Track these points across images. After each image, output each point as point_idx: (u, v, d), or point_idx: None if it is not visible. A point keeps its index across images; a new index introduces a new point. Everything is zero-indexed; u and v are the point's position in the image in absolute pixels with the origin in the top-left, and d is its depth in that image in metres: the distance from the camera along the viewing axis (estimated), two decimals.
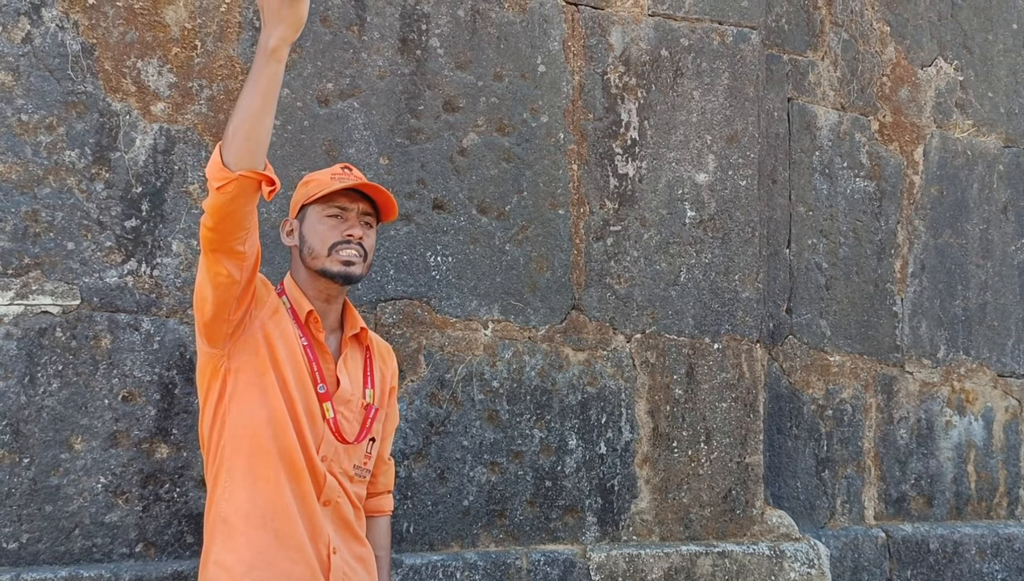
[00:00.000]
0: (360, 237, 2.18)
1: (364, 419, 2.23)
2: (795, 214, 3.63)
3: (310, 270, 2.20)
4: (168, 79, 2.65)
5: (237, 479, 2.07)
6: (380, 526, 2.40)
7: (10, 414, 2.42)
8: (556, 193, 3.08)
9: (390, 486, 2.44)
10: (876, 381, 3.71)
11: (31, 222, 2.48)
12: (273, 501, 2.06)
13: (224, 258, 2.00)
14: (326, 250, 2.16)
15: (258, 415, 2.08)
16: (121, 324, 2.55)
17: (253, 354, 2.11)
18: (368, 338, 2.33)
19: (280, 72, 1.93)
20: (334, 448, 2.16)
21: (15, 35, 2.51)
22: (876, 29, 3.85)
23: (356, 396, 2.23)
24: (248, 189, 1.93)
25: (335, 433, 2.15)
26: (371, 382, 2.28)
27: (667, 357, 3.16)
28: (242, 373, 2.10)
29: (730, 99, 3.30)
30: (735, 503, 3.17)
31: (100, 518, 2.49)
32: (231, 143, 1.91)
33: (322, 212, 2.19)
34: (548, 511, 2.97)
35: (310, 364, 2.16)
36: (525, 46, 3.08)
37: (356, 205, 2.21)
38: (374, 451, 2.29)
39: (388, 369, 2.37)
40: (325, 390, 2.16)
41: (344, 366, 2.23)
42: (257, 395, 2.09)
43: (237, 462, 2.07)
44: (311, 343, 2.18)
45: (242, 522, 2.05)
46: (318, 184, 2.21)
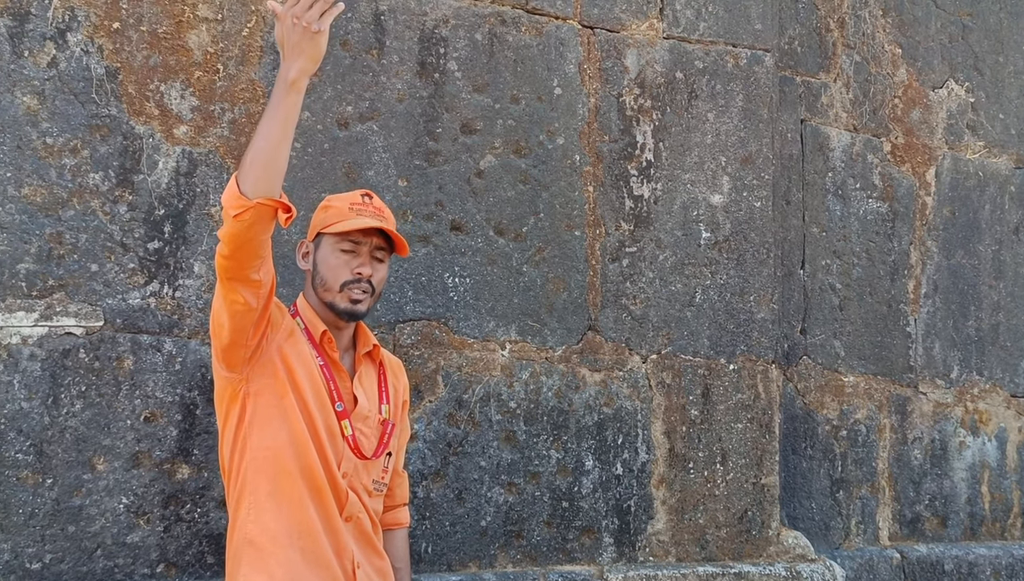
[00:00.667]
0: (370, 275, 2.22)
1: (382, 434, 2.27)
2: (809, 235, 3.65)
3: (319, 298, 2.24)
4: (191, 102, 2.68)
5: (261, 501, 2.10)
6: (398, 539, 2.43)
7: (34, 435, 2.44)
8: (572, 214, 3.10)
9: (406, 498, 2.48)
10: (890, 402, 3.72)
11: (55, 244, 2.51)
12: (298, 520, 2.09)
13: (240, 286, 2.04)
14: (337, 286, 2.20)
15: (279, 437, 2.11)
16: (143, 345, 2.57)
17: (271, 377, 2.14)
18: (380, 354, 2.37)
19: (299, 103, 2.00)
20: (354, 464, 2.19)
21: (41, 59, 2.54)
22: (888, 51, 3.88)
23: (373, 412, 2.26)
24: (265, 217, 1.97)
25: (354, 450, 2.19)
26: (386, 397, 2.31)
27: (683, 378, 3.17)
28: (261, 396, 2.13)
29: (744, 121, 3.33)
30: (751, 524, 3.18)
31: (122, 538, 2.50)
32: (249, 172, 1.95)
33: (336, 244, 2.22)
34: (565, 532, 2.98)
35: (327, 383, 2.19)
36: (541, 69, 3.11)
37: (369, 240, 2.24)
38: (391, 465, 2.32)
39: (400, 384, 2.41)
40: (343, 408, 2.19)
41: (360, 383, 2.26)
42: (277, 417, 2.12)
43: (260, 484, 2.10)
44: (327, 363, 2.22)
45: (270, 543, 2.08)
46: (336, 213, 2.24)
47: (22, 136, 2.50)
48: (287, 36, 1.97)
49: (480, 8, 3.04)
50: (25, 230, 2.48)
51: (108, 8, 2.60)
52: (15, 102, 2.50)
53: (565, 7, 3.14)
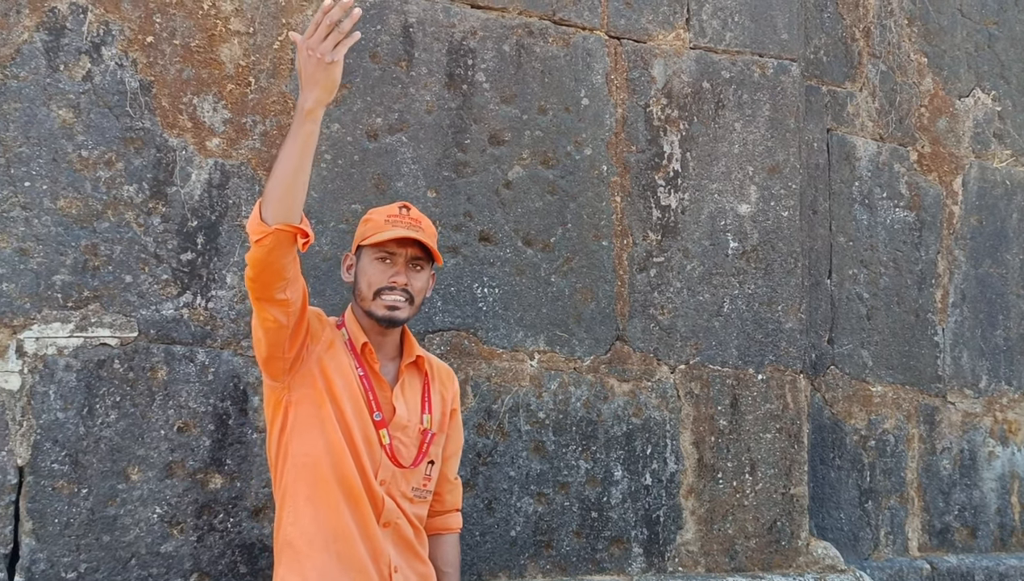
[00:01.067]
0: (404, 284, 2.26)
1: (421, 443, 2.31)
2: (836, 244, 3.64)
3: (360, 308, 2.31)
4: (223, 115, 2.70)
5: (300, 505, 2.17)
6: (447, 543, 2.46)
7: (69, 444, 2.46)
8: (600, 225, 3.11)
9: (457, 504, 2.50)
10: (918, 411, 3.70)
11: (90, 255, 2.53)
12: (334, 525, 2.16)
13: (268, 305, 2.11)
14: (371, 295, 2.26)
15: (317, 445, 2.18)
16: (177, 356, 2.59)
17: (311, 387, 2.21)
18: (426, 364, 2.40)
19: (316, 132, 2.06)
20: (391, 472, 2.24)
21: (76, 73, 2.56)
22: (914, 60, 3.88)
23: (413, 422, 2.30)
24: (284, 242, 2.03)
25: (391, 458, 2.23)
26: (428, 407, 2.35)
27: (711, 388, 3.17)
28: (301, 406, 2.20)
29: (771, 130, 3.33)
30: (780, 534, 3.17)
31: (156, 548, 2.51)
32: (269, 199, 2.01)
33: (373, 255, 2.28)
34: (594, 542, 2.98)
35: (366, 393, 2.24)
36: (569, 80, 3.12)
37: (405, 250, 2.28)
38: (433, 473, 2.35)
39: (448, 392, 2.44)
40: (381, 418, 2.24)
41: (401, 393, 2.31)
42: (316, 426, 2.19)
43: (300, 489, 2.18)
44: (367, 373, 2.27)
45: (306, 545, 2.15)
46: (373, 226, 2.30)
47: (58, 149, 2.53)
48: (303, 66, 2.03)
49: (508, 20, 3.05)
50: (61, 242, 2.51)
51: (142, 22, 2.63)
52: (51, 115, 2.53)
53: (592, 18, 3.16)
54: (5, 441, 2.40)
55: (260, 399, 2.64)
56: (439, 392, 2.41)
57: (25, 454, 2.42)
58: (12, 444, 2.41)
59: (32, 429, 2.43)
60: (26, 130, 2.50)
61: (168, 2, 2.66)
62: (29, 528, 2.41)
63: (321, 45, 1.99)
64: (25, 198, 2.48)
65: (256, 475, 2.62)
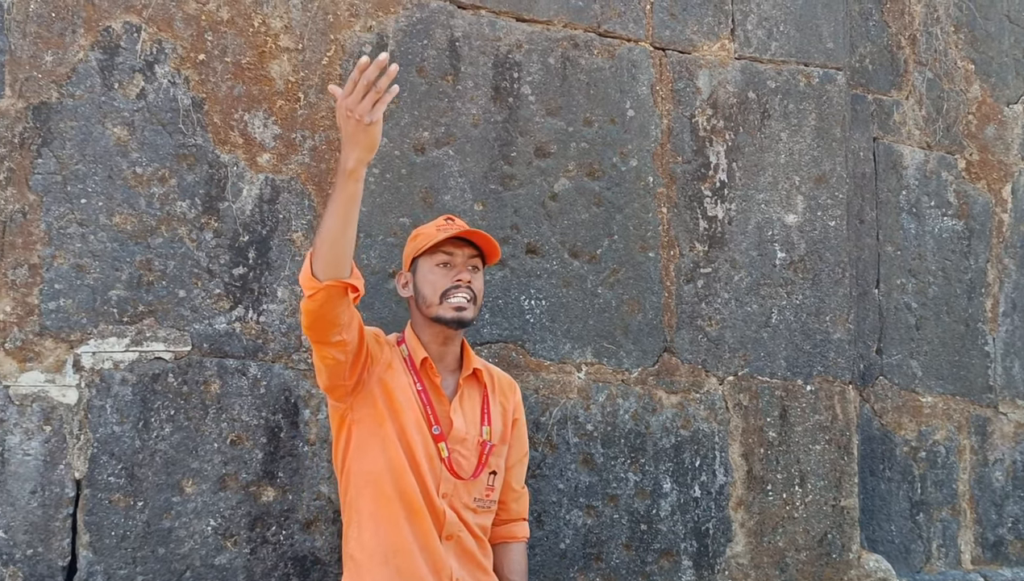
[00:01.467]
0: (468, 281, 2.32)
1: (480, 455, 2.35)
2: (883, 254, 3.61)
3: (425, 318, 2.35)
4: (273, 130, 2.73)
5: (362, 520, 2.24)
6: (514, 551, 2.50)
7: (125, 458, 2.49)
8: (646, 236, 3.11)
9: (523, 513, 2.53)
10: (969, 422, 3.65)
11: (145, 271, 2.56)
12: (393, 540, 2.21)
13: (325, 347, 2.18)
14: (438, 298, 2.31)
15: (378, 463, 2.24)
16: (229, 369, 2.61)
17: (371, 407, 2.27)
18: (485, 376, 2.45)
19: (359, 190, 2.05)
20: (452, 484, 2.28)
21: (130, 91, 2.60)
22: (960, 67, 3.84)
23: (472, 434, 2.35)
24: (335, 296, 2.08)
25: (451, 471, 2.28)
26: (487, 419, 2.39)
27: (760, 399, 3.15)
28: (363, 424, 2.27)
29: (817, 140, 3.31)
30: (831, 547, 3.14)
31: (210, 560, 2.53)
32: (318, 255, 2.05)
33: (431, 262, 2.34)
34: (644, 554, 2.97)
35: (424, 408, 2.29)
36: (614, 91, 3.12)
37: (462, 251, 2.35)
38: (496, 483, 2.39)
39: (510, 403, 2.49)
40: (439, 431, 2.29)
41: (460, 406, 2.35)
42: (377, 445, 2.25)
43: (362, 505, 2.24)
44: (425, 388, 2.32)
45: (367, 560, 2.21)
46: (425, 237, 2.36)
47: (113, 166, 2.56)
48: (342, 126, 2.00)
49: (553, 32, 3.06)
50: (116, 257, 2.54)
51: (194, 40, 2.67)
52: (106, 133, 2.56)
53: (637, 29, 3.16)
54: (63, 454, 2.44)
55: (311, 412, 2.66)
56: (500, 403, 2.45)
57: (83, 467, 2.45)
58: (70, 457, 2.44)
59: (89, 443, 2.46)
60: (82, 148, 2.54)
61: (219, 20, 2.70)
62: (86, 541, 2.44)
63: (359, 106, 1.94)
64: (81, 215, 2.52)
65: (307, 487, 2.64)
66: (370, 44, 2.84)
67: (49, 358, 2.46)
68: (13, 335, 2.44)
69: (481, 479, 2.34)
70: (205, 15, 2.69)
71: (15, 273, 2.46)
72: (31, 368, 2.44)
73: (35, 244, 2.48)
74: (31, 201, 2.49)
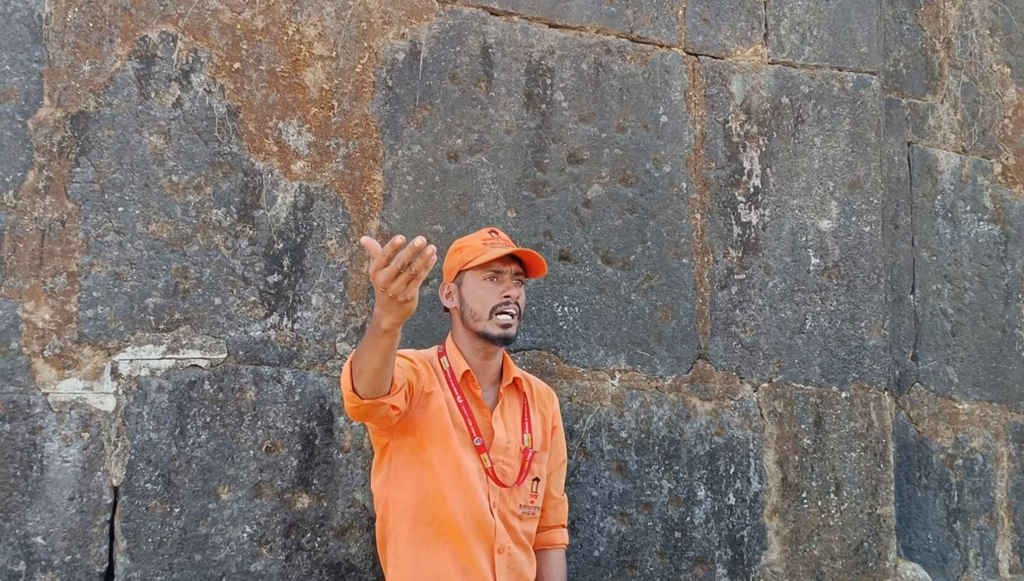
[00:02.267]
0: (516, 297, 2.36)
1: (523, 462, 2.38)
2: (918, 259, 3.57)
3: (470, 331, 2.37)
4: (307, 138, 2.74)
5: (401, 548, 2.27)
6: (553, 558, 2.52)
7: (162, 465, 2.50)
8: (680, 242, 3.09)
9: (562, 520, 2.55)
10: (1007, 429, 3.61)
11: (181, 278, 2.58)
12: (433, 565, 2.24)
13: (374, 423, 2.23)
14: (487, 314, 2.34)
15: (417, 490, 2.26)
16: (264, 377, 2.62)
17: (411, 434, 2.29)
18: (525, 385, 2.48)
19: (395, 344, 1.98)
20: (499, 493, 2.32)
21: (166, 100, 2.62)
22: (996, 71, 3.80)
23: (514, 443, 2.37)
24: (376, 406, 2.11)
25: (495, 480, 2.31)
26: (528, 427, 2.42)
27: (794, 406, 3.12)
28: (402, 451, 2.30)
29: (851, 145, 3.28)
30: (867, 555, 3.11)
31: (246, 567, 2.54)
32: (358, 379, 2.06)
33: (479, 276, 2.36)
34: (678, 562, 2.95)
35: (465, 420, 2.32)
36: (647, 97, 3.11)
37: (509, 267, 2.38)
38: (540, 489, 2.42)
39: (549, 411, 2.52)
40: (481, 443, 2.32)
41: (500, 416, 2.38)
42: (415, 472, 2.27)
43: (401, 532, 2.27)
44: (466, 400, 2.34)
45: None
46: (472, 250, 2.38)
47: (149, 175, 2.58)
48: (377, 294, 1.87)
49: (585, 38, 3.06)
50: (153, 265, 2.56)
51: (229, 49, 2.68)
52: (143, 142, 2.58)
53: (669, 35, 3.15)
54: (101, 461, 2.45)
55: (345, 419, 2.67)
56: (539, 411, 2.48)
57: (120, 474, 2.47)
58: (108, 464, 2.46)
59: (127, 449, 2.48)
60: (119, 156, 2.56)
61: (254, 29, 2.71)
62: (124, 547, 2.45)
63: (393, 285, 1.80)
64: (119, 223, 2.54)
65: (342, 495, 2.64)
66: (403, 51, 2.85)
67: (87, 365, 2.48)
68: (52, 343, 2.46)
69: (525, 486, 2.37)
70: (240, 24, 2.70)
71: (54, 281, 2.48)
72: (69, 375, 2.46)
73: (73, 252, 2.50)
74: (69, 210, 2.51)
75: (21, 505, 2.39)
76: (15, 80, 2.51)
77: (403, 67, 2.86)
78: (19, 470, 2.40)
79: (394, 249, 1.76)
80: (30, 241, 2.47)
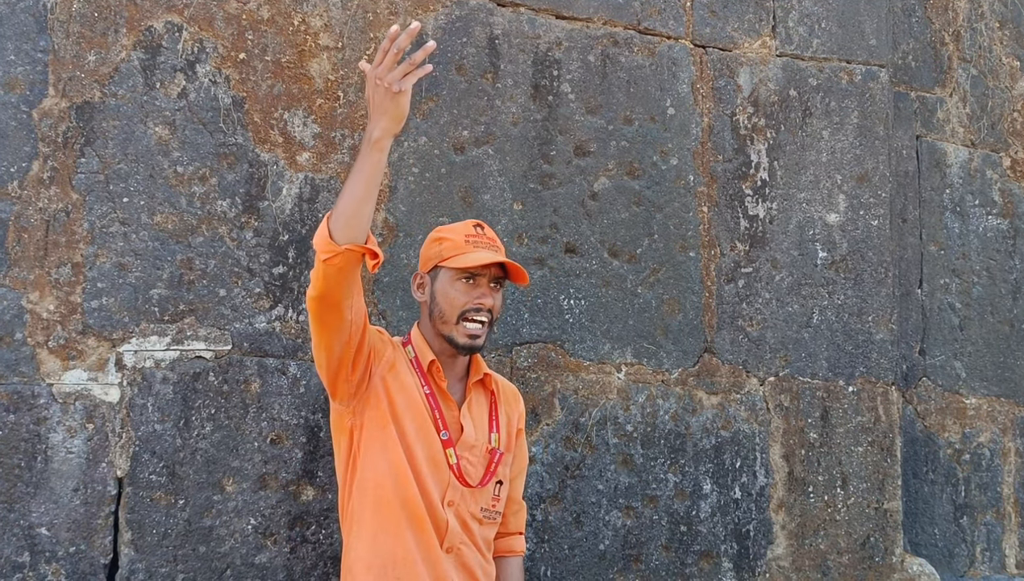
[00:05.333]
0: (491, 305, 2.23)
1: (489, 463, 2.27)
2: (926, 253, 3.56)
3: (436, 331, 2.25)
4: (312, 129, 2.73)
5: (363, 530, 2.15)
6: (511, 566, 2.41)
7: (167, 456, 2.49)
8: (686, 235, 3.08)
9: (521, 527, 2.45)
10: (1015, 424, 3.60)
11: (186, 270, 2.57)
12: (393, 550, 2.12)
13: (330, 327, 2.09)
14: (455, 317, 2.20)
15: (380, 467, 2.15)
16: (269, 368, 2.61)
17: (375, 408, 2.18)
18: (493, 383, 2.36)
19: (383, 161, 2.02)
20: (460, 492, 2.20)
21: (171, 90, 2.61)
22: (1006, 64, 3.78)
23: (481, 441, 2.27)
24: (352, 261, 2.02)
25: (459, 478, 2.19)
26: (496, 426, 2.31)
27: (801, 400, 3.11)
28: (365, 428, 2.18)
29: (860, 138, 3.26)
30: (873, 550, 3.10)
31: (250, 559, 2.54)
32: (337, 221, 2.00)
33: (454, 277, 2.22)
34: (684, 556, 2.94)
35: (432, 412, 2.21)
36: (654, 89, 3.10)
37: (488, 271, 2.23)
38: (502, 493, 2.31)
39: (515, 412, 2.40)
40: (448, 437, 2.20)
41: (468, 412, 2.27)
42: (379, 448, 2.16)
43: (363, 514, 2.15)
44: (433, 392, 2.23)
45: (364, 572, 2.12)
46: (452, 246, 2.24)
47: (154, 165, 2.57)
48: (371, 95, 2.00)
49: (592, 30, 3.04)
50: (158, 257, 2.55)
51: (234, 39, 2.67)
52: (148, 133, 2.57)
53: (677, 27, 3.13)
54: (105, 452, 2.45)
55: None
56: (506, 412, 2.36)
57: (124, 465, 2.46)
58: (112, 456, 2.45)
59: (131, 441, 2.47)
60: (124, 147, 2.55)
61: (260, 19, 2.70)
62: (128, 538, 2.44)
63: (389, 74, 1.95)
64: (123, 214, 2.53)
65: None
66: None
67: (92, 356, 2.47)
68: (56, 334, 2.45)
69: (488, 488, 2.25)
70: (246, 14, 2.69)
71: (58, 272, 2.47)
72: (74, 367, 2.45)
73: (78, 243, 2.49)
74: (74, 200, 2.50)
75: (25, 496, 2.38)
76: (20, 70, 2.50)
77: None
78: (23, 461, 2.39)
79: (391, 40, 1.93)
80: (35, 232, 2.47)
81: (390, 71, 1.95)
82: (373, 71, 1.98)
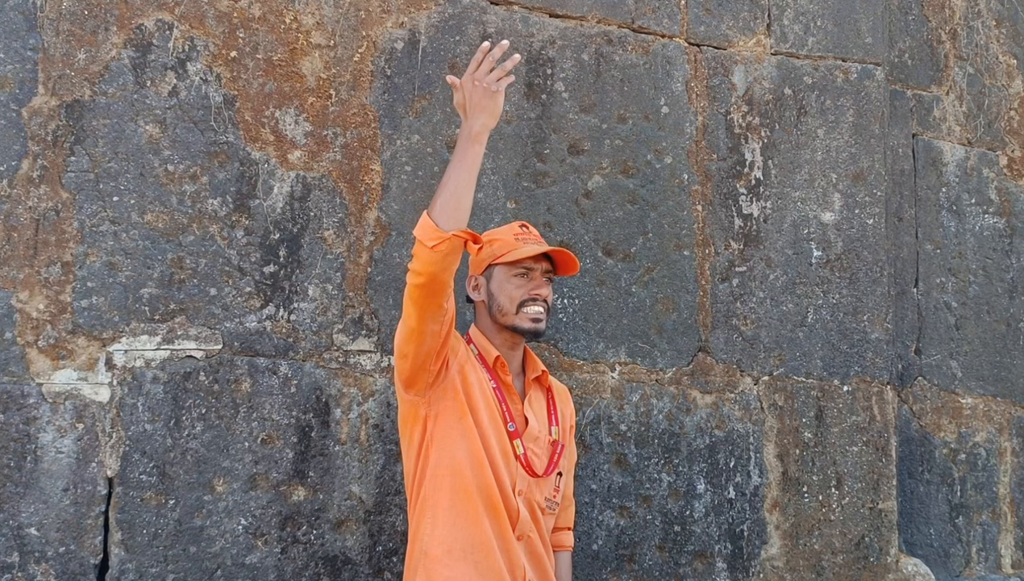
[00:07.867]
0: (545, 295, 2.36)
1: (552, 453, 2.37)
2: (922, 252, 3.55)
3: (498, 324, 2.36)
4: (304, 128, 2.72)
5: (439, 516, 2.21)
6: (561, 560, 2.50)
7: (157, 456, 2.48)
8: (681, 234, 3.06)
9: (570, 522, 2.54)
10: (1011, 424, 3.58)
11: (176, 269, 2.56)
12: (472, 535, 2.20)
13: (429, 316, 2.17)
14: (514, 308, 2.34)
15: (458, 455, 2.23)
16: (260, 368, 2.60)
17: (452, 399, 2.26)
18: (548, 380, 2.47)
19: (481, 152, 2.23)
20: (527, 482, 2.29)
21: (162, 88, 2.60)
22: (1002, 62, 3.76)
23: (543, 433, 2.37)
24: (457, 247, 2.14)
25: (526, 468, 2.29)
26: (555, 420, 2.42)
27: (795, 400, 3.10)
28: (441, 418, 2.25)
29: (855, 136, 3.25)
30: (868, 550, 3.08)
31: (241, 559, 2.52)
32: (442, 210, 2.13)
33: (509, 272, 2.36)
34: (677, 556, 2.93)
35: (500, 405, 2.30)
36: (648, 88, 3.08)
37: (540, 265, 2.38)
38: (562, 484, 2.41)
39: (567, 410, 2.51)
40: (515, 428, 2.31)
41: (530, 406, 2.37)
42: (457, 437, 2.24)
43: (439, 500, 2.22)
44: (499, 386, 2.33)
45: (444, 555, 2.19)
46: (504, 245, 2.37)
47: (145, 164, 2.56)
48: (468, 97, 2.22)
49: (586, 28, 3.03)
50: (148, 255, 2.54)
51: (226, 37, 2.66)
52: (138, 131, 2.56)
53: (671, 25, 3.12)
54: (95, 452, 2.44)
55: (342, 411, 2.65)
56: (560, 408, 2.47)
57: (114, 465, 2.45)
58: (102, 455, 2.44)
59: (121, 441, 2.46)
60: (114, 146, 2.54)
61: (251, 17, 2.69)
62: (118, 539, 2.43)
63: (487, 77, 2.20)
64: (114, 213, 2.52)
65: (338, 487, 2.62)
66: (402, 40, 2.82)
67: (82, 356, 2.46)
68: (46, 333, 2.44)
69: (551, 478, 2.35)
70: (237, 12, 2.68)
71: (48, 271, 2.46)
72: (64, 366, 2.44)
73: (68, 242, 2.48)
74: (64, 199, 2.49)
75: (15, 496, 2.37)
76: (9, 68, 2.49)
77: (402, 56, 2.83)
78: (13, 461, 2.38)
79: (483, 53, 2.21)
80: (24, 230, 2.46)
81: (487, 75, 2.21)
82: (471, 75, 2.21)
